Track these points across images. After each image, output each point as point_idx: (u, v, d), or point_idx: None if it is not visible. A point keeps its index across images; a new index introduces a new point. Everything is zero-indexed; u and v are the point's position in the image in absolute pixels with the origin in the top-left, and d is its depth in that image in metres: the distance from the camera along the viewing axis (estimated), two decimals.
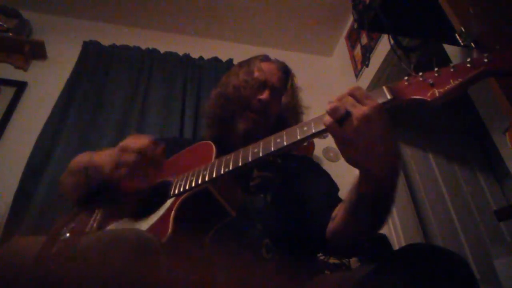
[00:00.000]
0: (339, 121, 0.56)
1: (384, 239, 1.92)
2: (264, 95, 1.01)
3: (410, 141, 2.71)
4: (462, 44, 1.06)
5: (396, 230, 2.06)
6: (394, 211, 2.09)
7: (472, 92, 1.63)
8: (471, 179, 2.68)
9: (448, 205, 2.49)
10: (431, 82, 0.54)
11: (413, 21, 1.57)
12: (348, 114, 0.56)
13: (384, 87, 0.57)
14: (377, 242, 1.85)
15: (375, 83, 2.37)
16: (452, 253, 0.56)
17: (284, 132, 0.65)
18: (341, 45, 2.97)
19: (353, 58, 2.71)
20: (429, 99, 0.53)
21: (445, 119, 2.96)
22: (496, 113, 1.48)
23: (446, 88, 0.52)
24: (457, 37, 1.07)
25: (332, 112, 0.56)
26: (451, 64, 0.55)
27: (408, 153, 2.67)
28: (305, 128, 0.62)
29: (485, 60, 0.52)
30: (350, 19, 2.68)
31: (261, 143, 0.67)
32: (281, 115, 1.04)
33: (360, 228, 0.73)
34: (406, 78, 0.57)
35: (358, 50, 2.62)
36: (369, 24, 1.53)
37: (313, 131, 0.61)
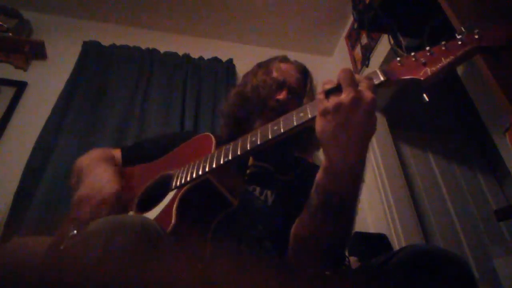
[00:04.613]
0: (327, 92, 0.57)
1: (384, 239, 1.93)
2: (282, 95, 1.00)
3: (410, 141, 2.71)
4: None
5: (396, 230, 2.06)
6: (394, 211, 2.09)
7: (472, 92, 1.63)
8: (471, 179, 2.68)
9: (448, 205, 2.49)
10: (423, 61, 0.55)
11: (413, 21, 1.57)
12: (338, 89, 0.56)
13: (377, 69, 0.58)
14: (376, 241, 1.86)
15: None
16: (452, 254, 0.56)
17: (281, 119, 0.65)
18: (341, 45, 2.96)
19: (353, 58, 2.71)
20: (422, 78, 0.53)
21: (445, 119, 2.96)
22: (496, 113, 1.48)
23: (438, 66, 0.53)
24: (457, 37, 1.07)
25: (325, 82, 0.57)
26: (443, 42, 0.56)
27: (408, 153, 2.67)
28: (301, 114, 0.62)
29: (476, 37, 0.53)
30: (350, 19, 2.68)
31: (259, 131, 0.67)
32: None
33: (314, 229, 0.67)
34: (398, 59, 0.57)
35: (358, 50, 2.62)
36: (369, 24, 1.54)
37: (309, 116, 0.60)
